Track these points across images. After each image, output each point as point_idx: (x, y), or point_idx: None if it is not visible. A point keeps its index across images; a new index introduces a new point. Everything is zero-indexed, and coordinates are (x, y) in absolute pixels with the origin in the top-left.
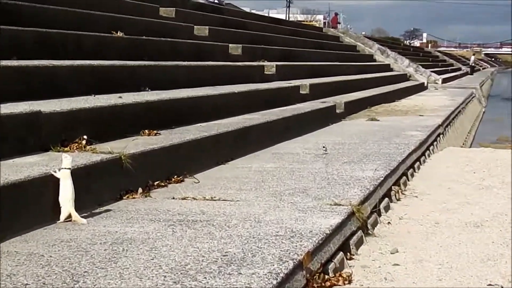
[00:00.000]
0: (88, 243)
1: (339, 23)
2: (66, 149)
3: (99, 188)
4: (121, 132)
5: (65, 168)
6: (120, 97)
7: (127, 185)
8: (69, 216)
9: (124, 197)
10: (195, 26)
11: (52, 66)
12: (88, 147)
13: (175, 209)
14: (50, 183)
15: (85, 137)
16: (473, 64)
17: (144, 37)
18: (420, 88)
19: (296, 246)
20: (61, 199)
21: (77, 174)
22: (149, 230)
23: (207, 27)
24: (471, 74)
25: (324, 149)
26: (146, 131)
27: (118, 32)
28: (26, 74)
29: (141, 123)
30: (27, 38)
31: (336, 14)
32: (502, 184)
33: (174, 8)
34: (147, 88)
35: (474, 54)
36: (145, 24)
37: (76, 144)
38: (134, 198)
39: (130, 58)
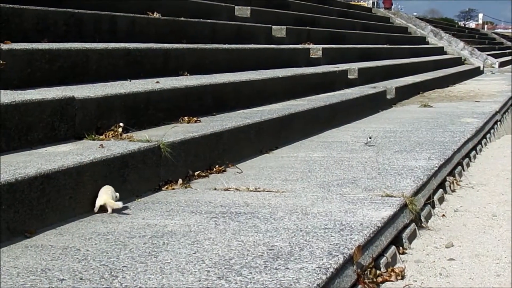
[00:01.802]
0: (127, 236)
1: (392, 4)
2: (101, 137)
3: (136, 179)
4: (159, 119)
5: None
6: (158, 82)
7: (166, 176)
8: (103, 206)
9: (163, 188)
10: (236, 7)
11: (85, 49)
12: (124, 135)
13: (217, 200)
14: (87, 173)
15: (121, 124)
16: None
17: (182, 18)
18: (476, 72)
19: (346, 239)
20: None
21: (114, 163)
22: (190, 223)
23: (249, 7)
24: None
25: (370, 139)
26: (186, 118)
27: (155, 13)
28: (57, 58)
29: (180, 109)
30: (58, 19)
31: None
32: None
33: None
34: (186, 73)
35: None
36: (183, 4)
37: (112, 132)
38: (173, 189)
39: (167, 41)
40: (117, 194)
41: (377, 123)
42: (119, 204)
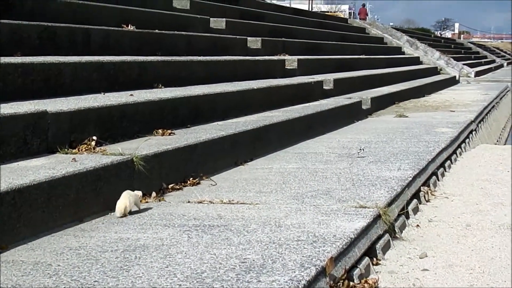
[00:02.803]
0: (99, 250)
1: (367, 15)
2: (74, 150)
3: (110, 192)
4: (133, 132)
5: None
6: (132, 95)
7: (140, 188)
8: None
9: None
10: (211, 19)
11: (58, 63)
12: (98, 149)
13: (190, 213)
14: (59, 187)
15: (94, 138)
16: None
17: (157, 30)
18: (452, 82)
19: (319, 251)
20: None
21: (86, 177)
22: (163, 236)
23: (224, 19)
24: None
25: (361, 150)
26: (160, 130)
27: (129, 25)
28: (30, 72)
29: (154, 122)
30: (31, 33)
31: (364, 6)
32: None
33: (189, 0)
34: (160, 85)
35: None
36: (158, 17)
37: (85, 146)
38: (147, 202)
39: (142, 53)
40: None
41: (352, 133)
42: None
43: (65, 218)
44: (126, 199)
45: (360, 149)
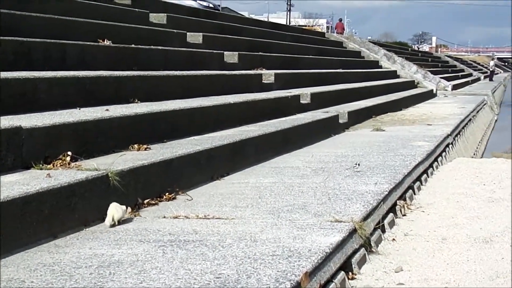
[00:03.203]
0: (73, 266)
1: (344, 29)
2: (49, 166)
3: (85, 208)
4: (108, 147)
5: None
6: (107, 110)
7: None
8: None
9: None
10: (188, 33)
11: (33, 78)
12: (72, 164)
13: (166, 228)
14: (33, 203)
15: (69, 153)
16: (492, 69)
17: (133, 45)
18: (429, 95)
19: (294, 266)
20: None
21: (61, 193)
22: (138, 252)
23: (201, 33)
24: (491, 79)
25: (357, 165)
26: (136, 145)
27: (105, 40)
28: (5, 87)
29: (130, 137)
30: (6, 48)
31: (340, 20)
32: None
33: (165, 14)
34: (137, 100)
35: (493, 59)
36: (134, 32)
37: (60, 161)
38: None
39: (118, 68)
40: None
41: (329, 147)
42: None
43: (39, 234)
44: (114, 209)
45: (356, 164)
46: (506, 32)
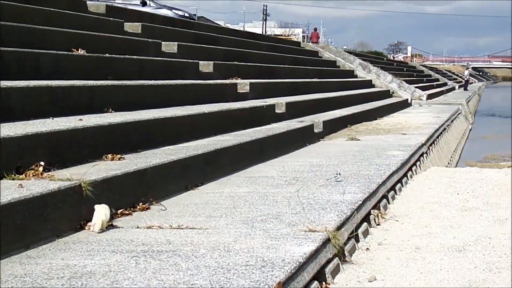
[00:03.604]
0: (44, 278)
1: (319, 38)
2: (21, 176)
3: (57, 218)
4: (82, 157)
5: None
6: (81, 119)
7: (88, 214)
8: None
9: (85, 227)
10: (163, 42)
11: (6, 87)
12: (45, 174)
13: (139, 239)
14: (4, 214)
15: (42, 163)
16: (467, 78)
17: (107, 54)
18: (404, 105)
19: (267, 276)
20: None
21: (33, 203)
22: (110, 263)
23: (176, 43)
24: (466, 89)
25: (338, 175)
26: (109, 155)
27: (79, 49)
28: None
29: (104, 147)
30: None
31: (315, 29)
32: (486, 206)
33: (140, 23)
34: (111, 110)
35: (468, 68)
36: (109, 41)
37: (33, 171)
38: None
39: (92, 78)
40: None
41: (304, 157)
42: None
43: (11, 245)
44: (103, 213)
45: (337, 174)
46: (480, 42)
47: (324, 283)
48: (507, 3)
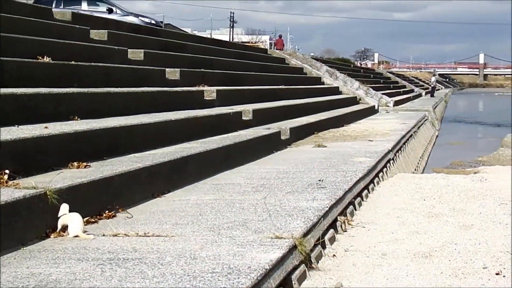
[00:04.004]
0: (9, 286)
1: (284, 45)
2: None
3: (22, 227)
4: (48, 165)
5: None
6: (46, 127)
7: (54, 222)
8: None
9: (50, 236)
10: (129, 50)
11: None
12: (10, 183)
13: (105, 247)
14: None
15: (7, 171)
16: (434, 85)
17: (73, 62)
18: (371, 111)
19: (233, 283)
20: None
21: None
22: (76, 271)
23: (142, 50)
24: (433, 95)
25: (320, 181)
26: (75, 163)
27: (45, 57)
28: None
29: (70, 155)
30: None
31: (280, 37)
32: (453, 212)
33: (106, 31)
34: (77, 117)
35: (435, 75)
36: (75, 48)
37: None
38: (61, 236)
39: (58, 85)
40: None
41: (271, 164)
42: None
43: None
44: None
45: (319, 180)
46: (447, 48)
47: None
48: (472, 11)
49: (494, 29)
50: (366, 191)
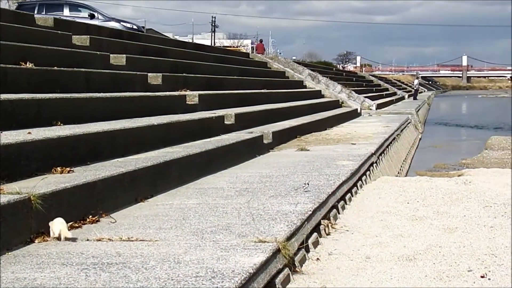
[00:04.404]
0: None
1: (265, 50)
2: None
3: (7, 232)
4: (31, 170)
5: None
6: (30, 133)
7: (38, 228)
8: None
9: (35, 241)
10: (111, 55)
11: None
12: None
13: (89, 251)
14: None
15: None
16: (416, 88)
17: (56, 67)
18: (354, 114)
19: (217, 287)
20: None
21: None
22: (60, 275)
23: (124, 55)
24: (415, 98)
25: (306, 185)
26: (59, 168)
27: (28, 63)
28: None
29: (54, 159)
30: None
31: (261, 41)
32: (437, 214)
33: (89, 36)
34: (59, 123)
35: (418, 78)
36: (57, 54)
37: None
38: (46, 241)
39: (41, 91)
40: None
41: (254, 168)
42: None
43: None
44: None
45: (305, 184)
46: (427, 51)
47: None
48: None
49: (476, 31)
50: (349, 194)
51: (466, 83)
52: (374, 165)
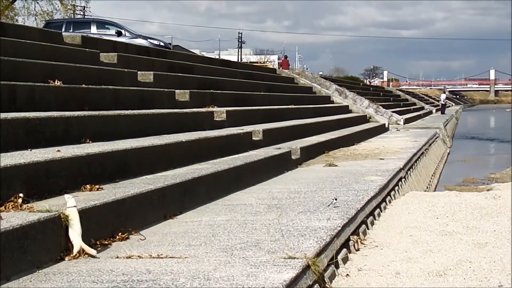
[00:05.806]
0: None
1: (289, 65)
2: (1, 208)
3: (37, 250)
4: (60, 188)
5: (71, 207)
6: (59, 150)
7: (68, 245)
8: (81, 249)
9: (65, 258)
10: (138, 72)
11: None
12: (24, 206)
13: (119, 269)
14: None
15: (21, 195)
16: (443, 102)
17: (83, 85)
18: (381, 129)
19: None
20: (72, 234)
21: (13, 235)
22: None
23: (152, 72)
24: (443, 113)
25: (335, 200)
26: (88, 186)
27: (56, 80)
28: None
29: (82, 177)
30: None
31: (286, 57)
32: (466, 229)
33: (116, 53)
34: (88, 140)
35: (445, 92)
36: (85, 71)
37: (12, 203)
38: (76, 258)
39: (69, 109)
40: None
41: (282, 184)
42: (93, 252)
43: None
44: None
45: (334, 199)
46: (454, 64)
47: None
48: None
49: (503, 45)
50: (378, 209)
51: (494, 97)
52: (403, 180)
